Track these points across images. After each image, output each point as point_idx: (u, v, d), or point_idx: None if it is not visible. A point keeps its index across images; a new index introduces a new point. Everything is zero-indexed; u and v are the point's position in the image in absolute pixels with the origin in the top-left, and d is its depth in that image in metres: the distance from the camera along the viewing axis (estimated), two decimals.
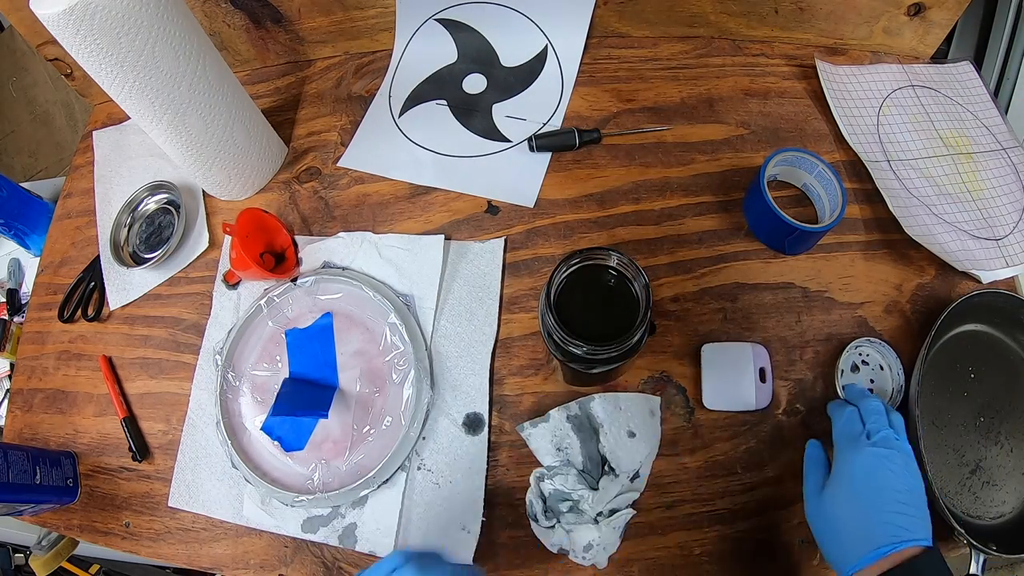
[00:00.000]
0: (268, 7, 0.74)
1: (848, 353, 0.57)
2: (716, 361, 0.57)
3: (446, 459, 0.57)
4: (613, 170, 0.68)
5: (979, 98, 0.71)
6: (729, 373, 0.56)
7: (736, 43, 0.74)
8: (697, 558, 0.53)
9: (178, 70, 0.57)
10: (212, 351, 0.65)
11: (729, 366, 0.56)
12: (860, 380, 0.57)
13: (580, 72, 0.74)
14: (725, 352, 0.57)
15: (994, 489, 0.54)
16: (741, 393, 0.55)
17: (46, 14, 0.49)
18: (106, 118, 0.84)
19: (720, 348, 0.57)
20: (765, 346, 0.57)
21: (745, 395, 0.55)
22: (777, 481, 0.54)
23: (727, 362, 0.56)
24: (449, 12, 0.76)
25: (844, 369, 0.57)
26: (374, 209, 0.69)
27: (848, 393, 0.52)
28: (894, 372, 0.56)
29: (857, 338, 0.57)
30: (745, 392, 0.55)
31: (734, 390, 0.55)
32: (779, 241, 0.61)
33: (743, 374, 0.55)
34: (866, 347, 0.57)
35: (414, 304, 0.63)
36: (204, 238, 0.71)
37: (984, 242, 0.62)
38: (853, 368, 0.57)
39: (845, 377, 0.57)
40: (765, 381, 0.56)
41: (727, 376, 0.56)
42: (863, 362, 0.58)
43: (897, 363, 0.56)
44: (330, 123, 0.76)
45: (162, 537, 0.61)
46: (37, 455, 0.61)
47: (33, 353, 0.72)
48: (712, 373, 0.56)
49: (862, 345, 0.57)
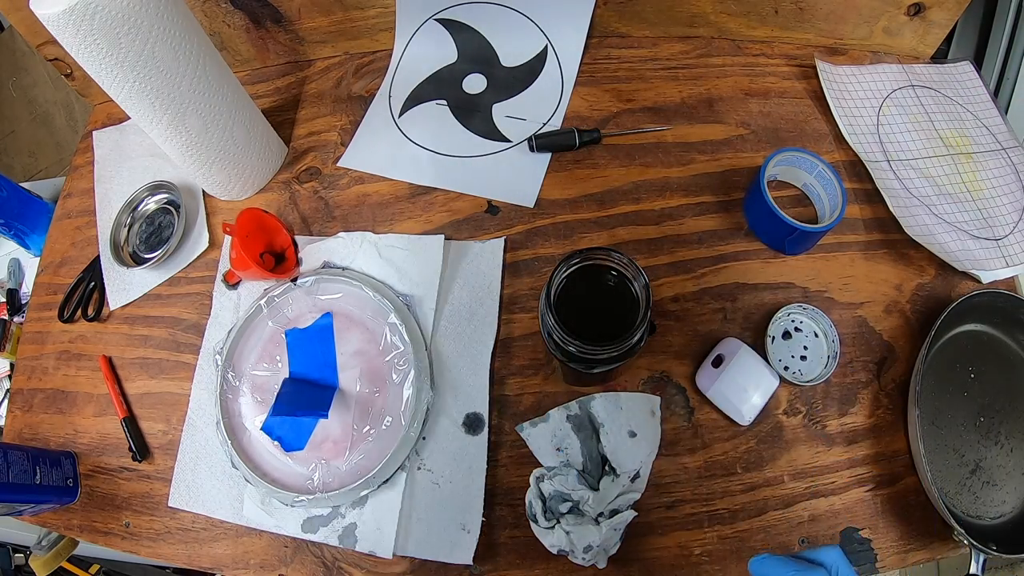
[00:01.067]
0: (268, 7, 0.74)
1: (778, 319, 0.55)
2: (743, 364, 0.55)
3: (446, 459, 0.57)
4: (613, 170, 0.68)
5: (979, 98, 0.71)
6: (744, 381, 0.54)
7: (736, 43, 0.74)
8: (697, 558, 0.53)
9: (178, 70, 0.57)
10: (212, 351, 0.65)
11: (749, 375, 0.54)
12: (792, 347, 0.56)
13: (580, 72, 0.74)
14: (755, 363, 0.55)
15: (994, 489, 0.54)
16: (742, 405, 0.54)
17: (46, 14, 0.49)
18: (106, 118, 0.84)
19: (753, 356, 0.55)
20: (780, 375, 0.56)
21: (745, 409, 0.54)
22: (777, 481, 0.54)
23: (749, 371, 0.55)
24: (449, 12, 0.76)
25: (774, 335, 0.56)
26: (374, 209, 0.69)
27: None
28: (829, 339, 0.56)
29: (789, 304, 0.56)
30: (747, 407, 0.54)
31: (739, 397, 0.54)
32: (779, 241, 0.61)
33: (755, 391, 0.54)
34: (798, 313, 0.56)
35: (414, 304, 0.63)
36: (204, 238, 0.71)
37: (984, 242, 0.62)
38: (785, 335, 0.56)
39: (776, 344, 0.56)
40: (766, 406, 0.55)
41: (740, 383, 0.54)
42: (796, 329, 0.57)
43: (832, 330, 0.56)
44: (330, 123, 0.76)
45: (162, 537, 0.61)
46: (37, 455, 0.61)
47: (33, 353, 0.72)
48: (732, 371, 0.55)
49: (794, 311, 0.56)
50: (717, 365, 0.56)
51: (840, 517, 0.53)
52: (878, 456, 0.55)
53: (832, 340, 0.57)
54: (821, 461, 0.55)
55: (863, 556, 0.52)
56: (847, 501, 0.54)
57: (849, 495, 0.54)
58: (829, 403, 0.57)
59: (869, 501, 0.54)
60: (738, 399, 0.54)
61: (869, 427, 0.56)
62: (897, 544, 0.53)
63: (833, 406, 0.57)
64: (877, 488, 0.54)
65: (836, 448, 0.55)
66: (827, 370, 0.56)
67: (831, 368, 0.56)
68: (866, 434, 0.56)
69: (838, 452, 0.55)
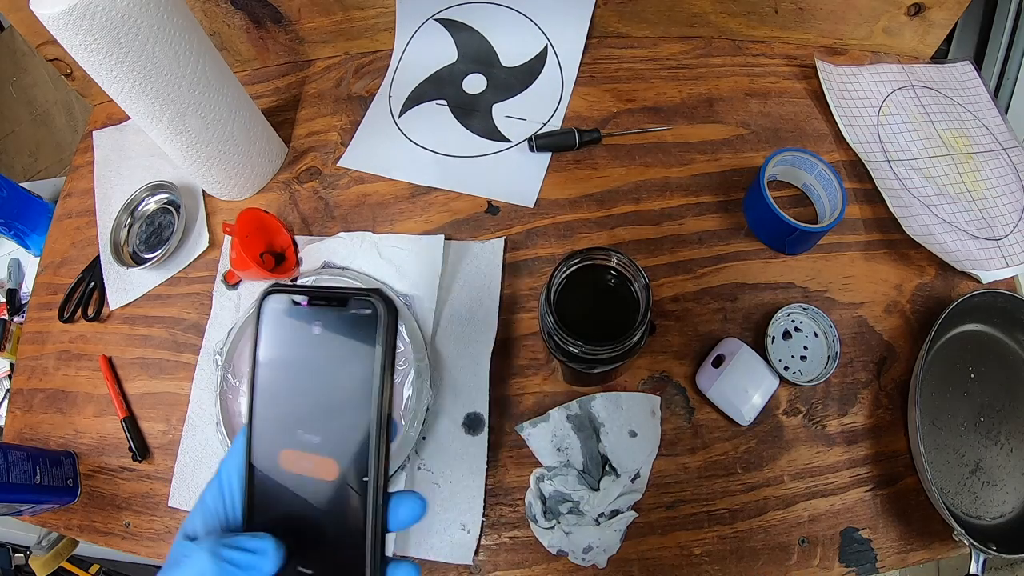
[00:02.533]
0: (268, 7, 0.74)
1: (778, 319, 0.55)
2: (744, 364, 0.55)
3: (446, 459, 0.57)
4: (613, 170, 0.68)
5: (979, 98, 0.71)
6: (744, 381, 0.54)
7: (736, 43, 0.74)
8: (697, 558, 0.53)
9: (178, 70, 0.57)
10: (212, 351, 0.65)
11: (749, 376, 0.55)
12: (792, 347, 0.57)
13: (580, 72, 0.74)
14: (755, 362, 0.55)
15: (994, 489, 0.54)
16: (743, 406, 0.54)
17: (46, 14, 0.49)
18: (106, 118, 0.84)
19: (753, 356, 0.55)
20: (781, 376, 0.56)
21: (745, 410, 0.54)
22: (777, 481, 0.54)
23: (750, 371, 0.55)
24: (449, 12, 0.76)
25: (774, 335, 0.56)
26: (374, 209, 0.69)
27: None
28: (829, 339, 0.56)
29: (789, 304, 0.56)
30: (747, 407, 0.54)
31: (740, 397, 0.54)
32: (779, 241, 0.61)
33: (756, 391, 0.54)
34: (798, 313, 0.56)
35: (414, 304, 0.63)
36: (204, 238, 0.71)
37: (984, 242, 0.62)
38: (785, 335, 0.56)
39: (776, 344, 0.56)
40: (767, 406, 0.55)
41: (741, 383, 0.54)
42: (796, 329, 0.57)
43: (832, 330, 0.56)
44: (330, 123, 0.76)
45: (162, 537, 0.61)
46: (37, 455, 0.61)
47: (33, 353, 0.72)
48: (733, 371, 0.55)
49: (794, 312, 0.56)
50: (717, 365, 0.56)
51: (840, 517, 0.53)
52: (878, 456, 0.55)
53: (832, 340, 0.57)
54: (821, 461, 0.55)
55: (863, 556, 0.52)
56: (847, 501, 0.54)
57: (849, 495, 0.54)
58: (829, 403, 0.57)
59: (869, 501, 0.54)
60: (739, 399, 0.54)
61: (869, 427, 0.56)
62: (897, 544, 0.53)
63: (833, 406, 0.57)
64: (877, 488, 0.54)
65: (836, 448, 0.55)
66: (827, 370, 0.56)
67: (831, 368, 0.56)
68: (866, 434, 0.56)
69: (838, 452, 0.55)
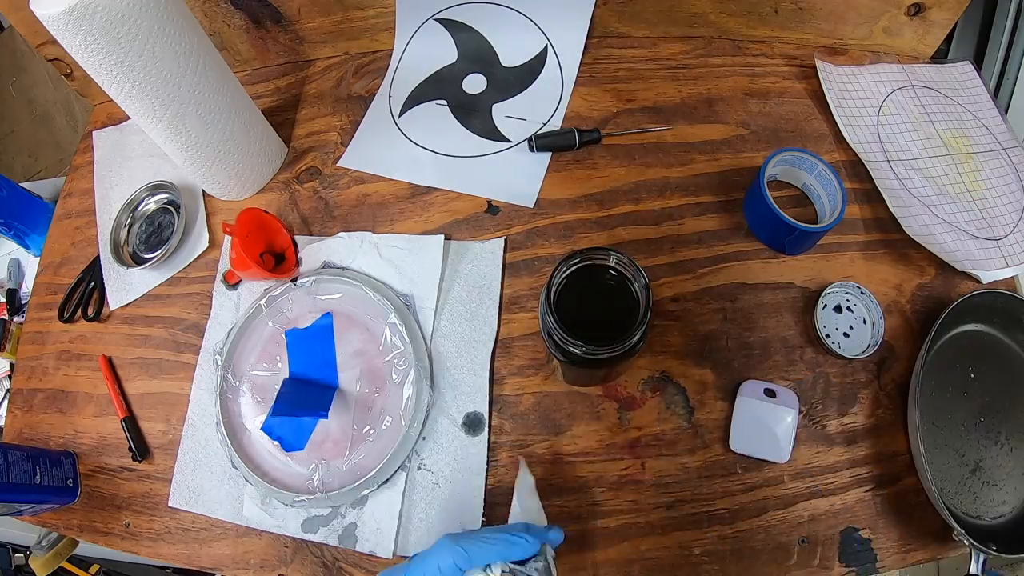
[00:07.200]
0: (268, 7, 0.74)
1: (833, 291, 0.55)
2: (752, 407, 0.55)
3: (446, 459, 0.57)
4: (613, 170, 0.68)
5: (979, 98, 0.71)
6: (765, 420, 0.54)
7: (736, 43, 0.74)
8: (697, 558, 0.53)
9: (178, 70, 0.57)
10: (212, 351, 0.65)
11: (766, 413, 0.54)
12: (839, 321, 0.57)
13: (580, 72, 0.74)
14: (765, 406, 0.55)
15: (994, 489, 0.54)
16: (774, 445, 0.54)
17: (46, 14, 0.49)
18: (106, 118, 0.84)
19: (757, 402, 0.55)
20: (796, 392, 0.56)
21: (779, 448, 0.54)
22: (777, 481, 0.54)
23: (764, 409, 0.54)
24: (449, 12, 0.76)
25: (827, 304, 0.56)
26: (374, 209, 0.69)
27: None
28: (875, 330, 0.56)
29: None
30: (782, 445, 0.54)
31: (768, 440, 0.54)
32: (779, 241, 0.61)
33: (778, 425, 0.54)
34: (855, 297, 0.56)
35: (414, 304, 0.63)
36: (204, 238, 0.71)
37: (984, 242, 0.62)
38: (837, 308, 0.57)
39: (825, 313, 0.56)
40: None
41: (762, 423, 0.54)
42: (848, 308, 0.57)
43: (881, 322, 0.56)
44: (330, 123, 0.76)
45: (162, 537, 0.61)
46: (37, 455, 0.61)
47: (33, 353, 0.72)
48: (745, 416, 0.55)
49: (850, 292, 0.56)
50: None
51: (840, 517, 0.53)
52: (878, 456, 0.55)
53: (877, 331, 0.56)
54: (821, 461, 0.55)
55: (863, 556, 0.52)
56: (847, 501, 0.54)
57: (849, 495, 0.54)
58: (829, 403, 0.57)
59: (869, 501, 0.54)
60: (772, 445, 0.54)
61: (869, 427, 0.56)
62: (897, 544, 0.53)
63: (833, 406, 0.57)
64: (877, 488, 0.54)
65: (836, 448, 0.55)
66: (864, 354, 0.56)
67: (868, 353, 0.56)
68: (866, 434, 0.56)
69: (838, 452, 0.55)
